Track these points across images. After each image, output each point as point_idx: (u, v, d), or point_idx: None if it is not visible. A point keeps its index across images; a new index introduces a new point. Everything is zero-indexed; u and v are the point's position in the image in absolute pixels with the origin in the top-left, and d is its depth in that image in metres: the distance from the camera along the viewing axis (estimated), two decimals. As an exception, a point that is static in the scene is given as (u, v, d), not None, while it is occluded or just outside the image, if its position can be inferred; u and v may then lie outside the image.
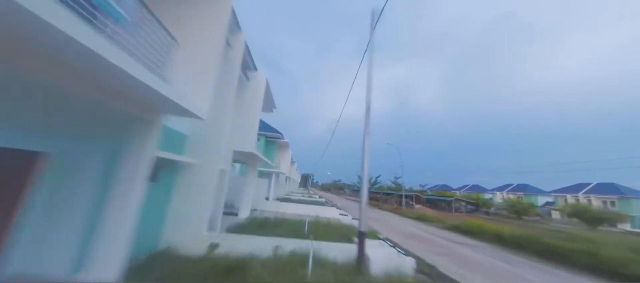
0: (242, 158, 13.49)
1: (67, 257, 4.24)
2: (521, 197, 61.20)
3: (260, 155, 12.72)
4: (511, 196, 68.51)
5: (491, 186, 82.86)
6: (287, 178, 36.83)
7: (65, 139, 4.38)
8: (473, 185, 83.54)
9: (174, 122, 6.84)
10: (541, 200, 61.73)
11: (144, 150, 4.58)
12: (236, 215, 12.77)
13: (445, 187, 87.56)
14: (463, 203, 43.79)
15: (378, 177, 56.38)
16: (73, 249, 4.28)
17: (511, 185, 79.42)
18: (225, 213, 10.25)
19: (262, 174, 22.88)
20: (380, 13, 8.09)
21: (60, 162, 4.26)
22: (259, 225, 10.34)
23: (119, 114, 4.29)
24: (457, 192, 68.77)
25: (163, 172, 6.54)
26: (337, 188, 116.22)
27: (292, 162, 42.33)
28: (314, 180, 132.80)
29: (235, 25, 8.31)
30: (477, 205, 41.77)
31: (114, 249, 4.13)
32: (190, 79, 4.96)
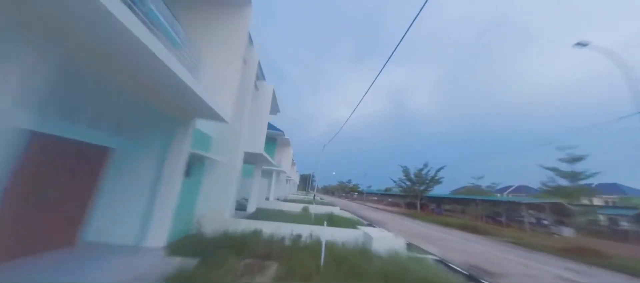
0: (250, 159, 13.93)
1: (131, 230, 5.73)
2: (614, 201, 42.77)
3: (267, 156, 13.03)
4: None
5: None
6: (288, 179, 35.95)
7: (127, 138, 6.00)
8: (519, 187, 61.63)
9: (202, 126, 8.10)
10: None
11: (182, 146, 6.29)
12: (245, 210, 14.72)
13: (475, 189, 65.44)
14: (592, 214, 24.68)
15: (440, 169, 33.33)
16: (135, 224, 5.80)
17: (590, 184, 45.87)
18: (235, 209, 11.84)
19: (263, 173, 22.03)
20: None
21: (122, 156, 5.92)
22: (267, 216, 11.96)
23: (166, 118, 6.17)
24: (498, 195, 50.81)
25: (194, 167, 7.77)
26: (344, 190, 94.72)
27: (293, 163, 41.39)
28: (314, 181, 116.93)
29: (249, 43, 9.70)
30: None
31: (163, 225, 5.80)
32: (218, 90, 6.18)
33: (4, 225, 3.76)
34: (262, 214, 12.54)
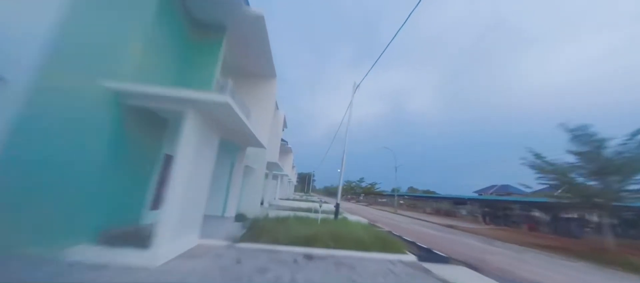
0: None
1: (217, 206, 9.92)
2: None
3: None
4: None
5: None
6: (278, 173, 19.53)
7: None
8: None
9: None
10: None
11: (241, 161, 10.13)
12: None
13: (505, 189, 50.21)
14: None
15: None
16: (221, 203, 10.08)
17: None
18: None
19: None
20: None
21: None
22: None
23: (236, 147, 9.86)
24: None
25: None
26: (355, 191, 74.38)
27: (286, 146, 24.75)
28: (313, 182, 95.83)
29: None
30: None
31: (233, 204, 10.03)
32: (258, 128, 9.82)
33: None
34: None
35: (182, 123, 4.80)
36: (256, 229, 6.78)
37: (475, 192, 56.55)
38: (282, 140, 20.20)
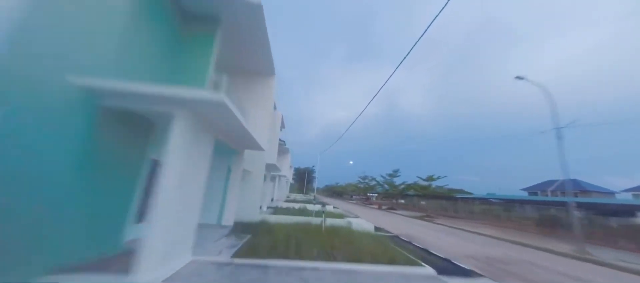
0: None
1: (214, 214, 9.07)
2: None
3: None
4: None
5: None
6: (277, 176, 18.82)
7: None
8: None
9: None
10: None
11: (239, 165, 9.15)
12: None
13: (576, 185, 38.14)
14: None
15: None
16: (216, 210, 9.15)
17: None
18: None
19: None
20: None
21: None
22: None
23: (232, 151, 8.67)
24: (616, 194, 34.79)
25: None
26: (372, 190, 51.27)
27: (284, 146, 23.96)
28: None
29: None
30: None
31: (231, 211, 8.88)
32: (256, 129, 9.07)
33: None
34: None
35: (171, 125, 4.17)
36: (258, 241, 6.17)
37: (524, 189, 46.82)
38: (280, 140, 19.51)
